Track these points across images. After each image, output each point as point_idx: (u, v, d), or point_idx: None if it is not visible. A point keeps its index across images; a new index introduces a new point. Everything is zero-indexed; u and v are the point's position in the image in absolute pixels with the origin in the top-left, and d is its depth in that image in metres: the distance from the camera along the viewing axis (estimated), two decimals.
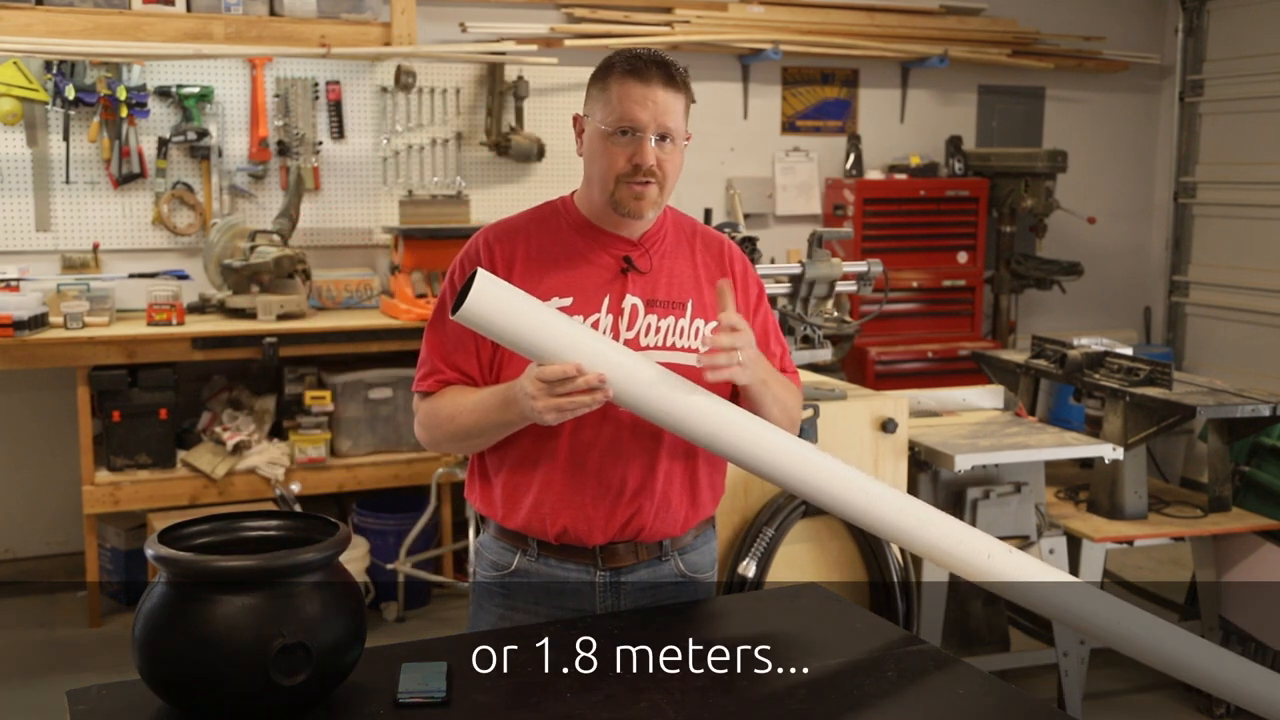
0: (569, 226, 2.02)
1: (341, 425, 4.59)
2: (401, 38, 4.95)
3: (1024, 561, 2.05)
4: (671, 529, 2.04)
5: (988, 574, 2.02)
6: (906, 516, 2.02)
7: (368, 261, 5.22)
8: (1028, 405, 4.10)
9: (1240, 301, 6.17)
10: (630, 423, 1.96)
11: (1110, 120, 6.58)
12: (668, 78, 1.93)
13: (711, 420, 1.89)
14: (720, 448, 1.93)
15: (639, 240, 2.02)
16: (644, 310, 1.98)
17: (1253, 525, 3.75)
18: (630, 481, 1.98)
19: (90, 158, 4.78)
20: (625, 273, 1.99)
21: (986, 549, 2.02)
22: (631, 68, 1.93)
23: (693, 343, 2.00)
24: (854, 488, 2.00)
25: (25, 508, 4.91)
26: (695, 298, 2.03)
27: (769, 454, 1.94)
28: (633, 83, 1.91)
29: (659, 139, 1.92)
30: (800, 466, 1.97)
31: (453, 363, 2.00)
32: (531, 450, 1.98)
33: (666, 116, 1.91)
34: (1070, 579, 2.10)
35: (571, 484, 1.98)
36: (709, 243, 2.10)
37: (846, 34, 5.77)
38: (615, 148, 1.92)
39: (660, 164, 1.92)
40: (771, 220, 5.92)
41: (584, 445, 1.96)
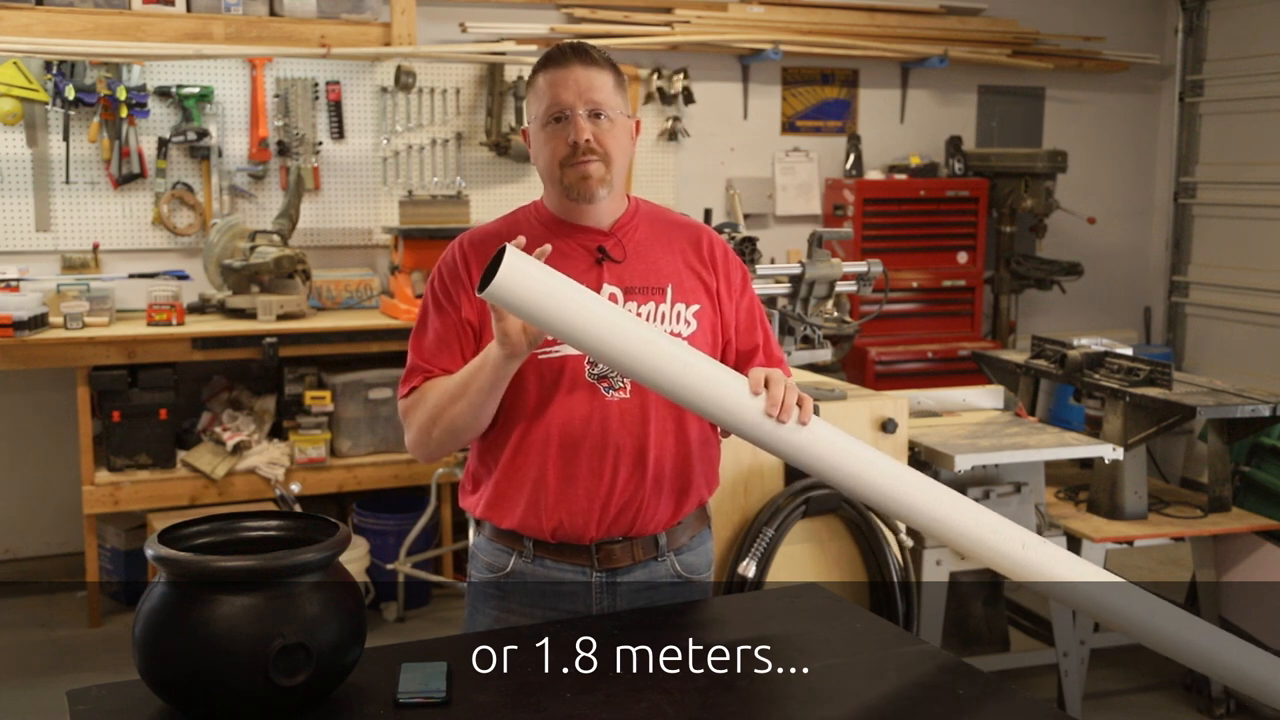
0: (540, 225, 2.03)
1: (341, 425, 4.59)
2: (401, 38, 4.95)
3: (1059, 554, 2.04)
4: (663, 520, 2.04)
5: (1022, 566, 2.01)
6: (945, 507, 1.99)
7: (368, 261, 5.22)
8: (1028, 405, 4.10)
9: (1240, 301, 6.17)
10: (618, 414, 1.96)
11: (1110, 120, 6.58)
12: (585, 57, 1.95)
13: (749, 405, 1.86)
14: (758, 435, 1.90)
15: (610, 229, 2.03)
16: (623, 298, 1.99)
17: (1253, 525, 3.75)
18: (621, 473, 1.98)
19: (90, 158, 4.78)
20: (601, 262, 2.00)
21: (1021, 539, 2.01)
22: (548, 58, 1.98)
23: (675, 327, 2.00)
24: (888, 475, 1.98)
25: (25, 508, 4.91)
26: (675, 282, 2.03)
27: (809, 441, 1.92)
28: (552, 69, 1.96)
29: (591, 115, 1.93)
30: (836, 455, 1.95)
31: (432, 361, 2.00)
32: (522, 450, 1.98)
33: (592, 91, 1.93)
34: (1109, 576, 2.09)
35: (563, 480, 1.98)
36: (685, 230, 2.10)
37: (846, 34, 5.77)
38: (552, 135, 1.95)
39: (599, 140, 1.93)
40: (771, 220, 5.92)
41: (574, 440, 1.97)
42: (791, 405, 1.87)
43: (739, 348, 2.11)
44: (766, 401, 1.86)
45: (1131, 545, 3.73)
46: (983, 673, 1.84)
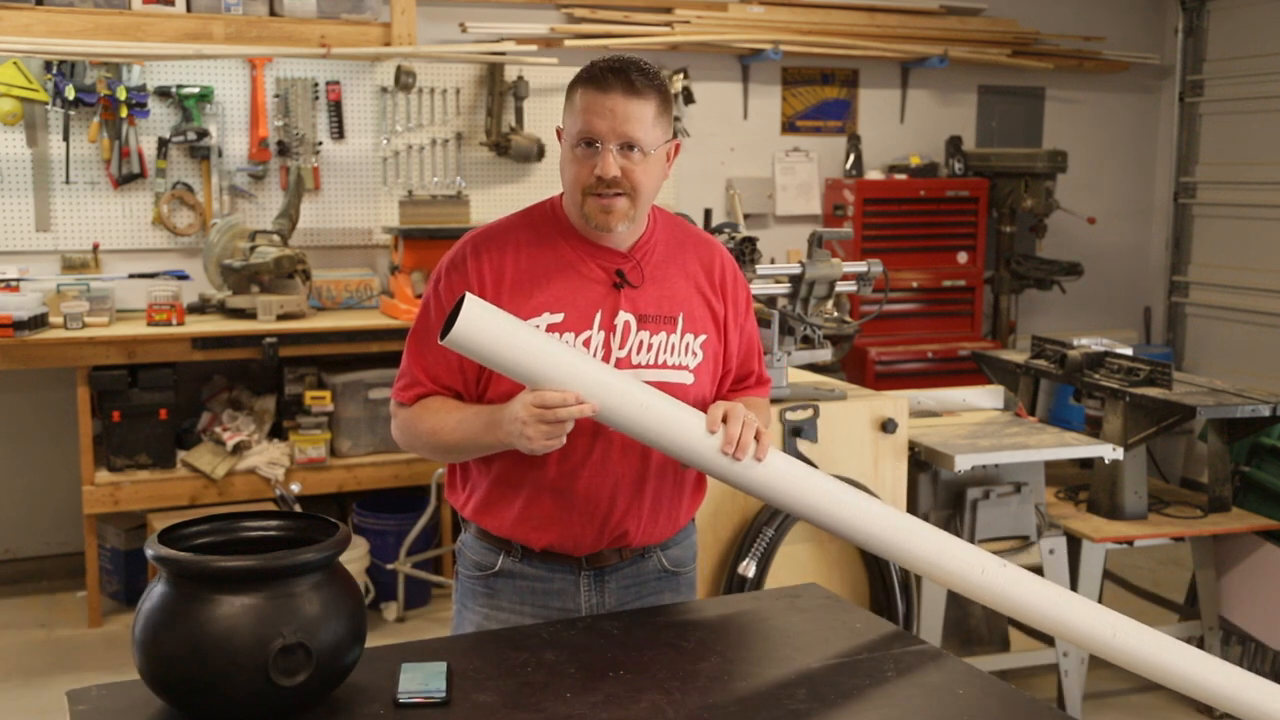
0: (559, 233, 1.98)
1: (341, 425, 4.59)
2: (401, 38, 4.95)
3: (1020, 576, 2.05)
4: (659, 536, 2.07)
5: (981, 588, 2.02)
6: (901, 533, 2.02)
7: (368, 261, 5.22)
8: (1028, 405, 4.10)
9: (1240, 301, 6.17)
10: (620, 443, 1.95)
11: (1110, 120, 6.59)
12: (628, 85, 1.85)
13: (705, 443, 1.88)
14: (716, 470, 1.92)
15: (630, 251, 1.98)
16: (636, 327, 1.96)
17: (1252, 525, 3.75)
18: (619, 501, 1.98)
19: (90, 158, 4.78)
20: (619, 288, 1.96)
21: (980, 564, 2.02)
22: (590, 76, 1.88)
23: (683, 359, 1.99)
24: (846, 506, 2.00)
25: (25, 508, 4.91)
26: (686, 311, 2.00)
27: (766, 476, 1.93)
28: (593, 93, 1.87)
29: (623, 149, 1.86)
30: (799, 488, 1.97)
31: (434, 376, 1.97)
32: (517, 468, 1.96)
33: (628, 125, 1.85)
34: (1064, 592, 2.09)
35: (558, 504, 1.97)
36: (700, 250, 2.07)
37: (846, 34, 5.77)
38: (580, 159, 1.89)
39: (627, 174, 1.87)
40: (771, 220, 5.92)
41: (572, 467, 1.95)
42: (748, 442, 1.87)
43: (736, 373, 2.12)
44: (723, 439, 1.86)
45: (1131, 545, 3.73)
46: (983, 673, 1.85)
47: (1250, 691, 2.05)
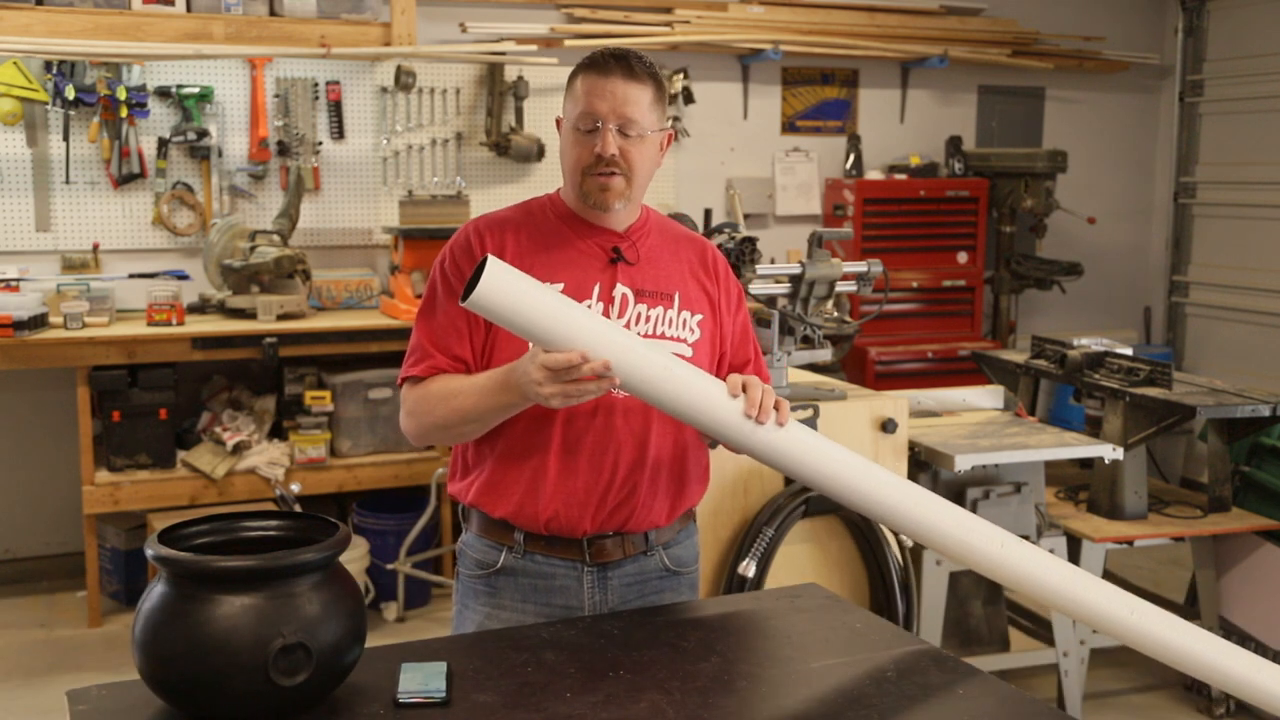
0: (556, 217, 2.06)
1: (341, 425, 4.59)
2: (401, 38, 4.95)
3: (1038, 554, 2.05)
4: (658, 518, 2.07)
5: (1001, 564, 2.02)
6: (919, 507, 2.01)
7: (368, 261, 5.22)
8: (1028, 405, 4.10)
9: (1240, 301, 6.17)
10: (622, 410, 1.98)
11: (1110, 120, 6.59)
12: (627, 70, 1.96)
13: (728, 407, 1.89)
14: (738, 437, 1.93)
15: (625, 233, 2.06)
16: (634, 299, 2.02)
17: (1252, 525, 3.75)
18: (621, 468, 2.00)
19: (90, 158, 4.78)
20: (615, 263, 2.03)
21: (999, 539, 2.03)
22: (591, 62, 1.98)
23: (680, 333, 2.04)
24: (866, 476, 2.00)
25: (25, 508, 4.91)
26: (682, 290, 2.07)
27: (788, 442, 1.94)
28: (594, 77, 1.96)
29: (621, 130, 1.95)
30: (813, 456, 1.97)
31: (445, 347, 2.00)
32: (523, 439, 1.99)
33: (626, 107, 1.94)
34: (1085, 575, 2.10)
35: (564, 471, 1.99)
36: (692, 244, 2.15)
37: (846, 34, 5.77)
38: (580, 141, 1.97)
39: (625, 154, 1.95)
40: (771, 220, 5.92)
41: (577, 434, 1.98)
42: (769, 407, 1.91)
43: (732, 361, 2.15)
44: (745, 403, 1.90)
45: (1131, 545, 3.73)
46: (982, 673, 1.85)
47: (1263, 675, 2.06)
